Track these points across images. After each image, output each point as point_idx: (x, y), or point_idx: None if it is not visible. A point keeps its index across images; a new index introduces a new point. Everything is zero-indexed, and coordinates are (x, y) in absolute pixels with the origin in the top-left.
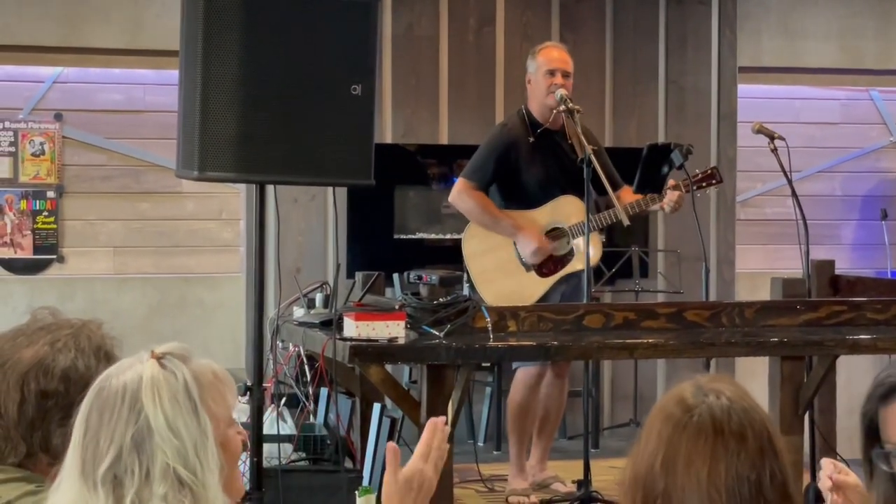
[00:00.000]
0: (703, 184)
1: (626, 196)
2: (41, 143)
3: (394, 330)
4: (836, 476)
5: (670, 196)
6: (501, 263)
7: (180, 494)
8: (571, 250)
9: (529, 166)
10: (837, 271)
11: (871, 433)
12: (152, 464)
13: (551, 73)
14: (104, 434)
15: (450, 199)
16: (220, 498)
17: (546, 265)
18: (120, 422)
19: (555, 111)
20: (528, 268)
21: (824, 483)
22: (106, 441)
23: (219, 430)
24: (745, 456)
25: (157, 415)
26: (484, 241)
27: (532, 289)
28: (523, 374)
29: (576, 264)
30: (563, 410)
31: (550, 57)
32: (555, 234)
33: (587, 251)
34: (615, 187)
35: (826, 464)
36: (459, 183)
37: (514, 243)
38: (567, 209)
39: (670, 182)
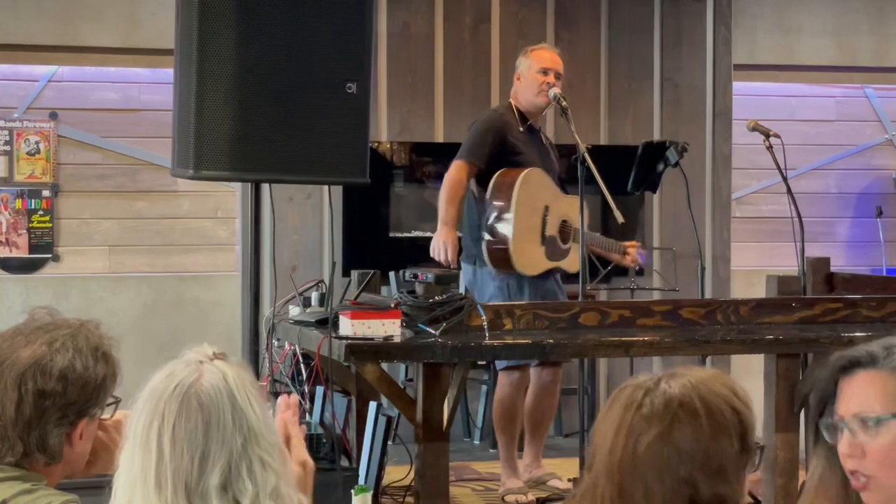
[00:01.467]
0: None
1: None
2: (36, 142)
3: (389, 328)
4: None
5: (633, 254)
6: (530, 226)
7: (280, 482)
8: (569, 249)
9: (521, 153)
10: (833, 269)
11: (823, 401)
12: (253, 461)
13: (544, 72)
14: (214, 443)
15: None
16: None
17: (552, 250)
18: (227, 428)
19: (542, 110)
20: (542, 242)
21: None
22: (217, 448)
23: None
24: (644, 439)
25: (253, 414)
26: (531, 198)
27: (536, 263)
28: (506, 376)
29: (567, 264)
30: (555, 408)
31: (543, 57)
32: (566, 228)
33: (582, 251)
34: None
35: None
36: (455, 165)
37: (544, 213)
38: (575, 210)
39: (633, 242)
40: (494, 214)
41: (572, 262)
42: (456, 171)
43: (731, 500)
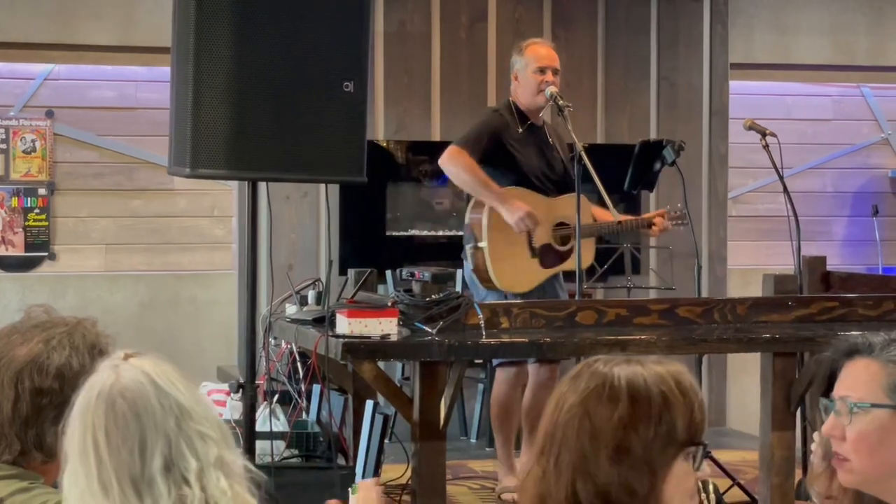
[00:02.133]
0: (676, 222)
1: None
2: (32, 141)
3: (386, 327)
4: None
5: (660, 224)
6: (512, 242)
7: (222, 450)
8: (572, 248)
9: (517, 152)
10: (829, 267)
11: (825, 382)
12: (192, 436)
13: (541, 70)
14: (149, 430)
15: (440, 162)
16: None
17: (549, 256)
18: (157, 412)
19: (542, 109)
20: (533, 254)
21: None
22: (152, 434)
23: None
24: (565, 408)
25: (179, 393)
26: (499, 217)
27: (532, 276)
28: (502, 372)
29: (571, 264)
30: None
31: (539, 55)
32: (563, 229)
33: (578, 250)
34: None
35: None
36: (451, 149)
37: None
38: (572, 208)
39: (660, 211)
40: (471, 243)
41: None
42: (461, 155)
43: (640, 491)
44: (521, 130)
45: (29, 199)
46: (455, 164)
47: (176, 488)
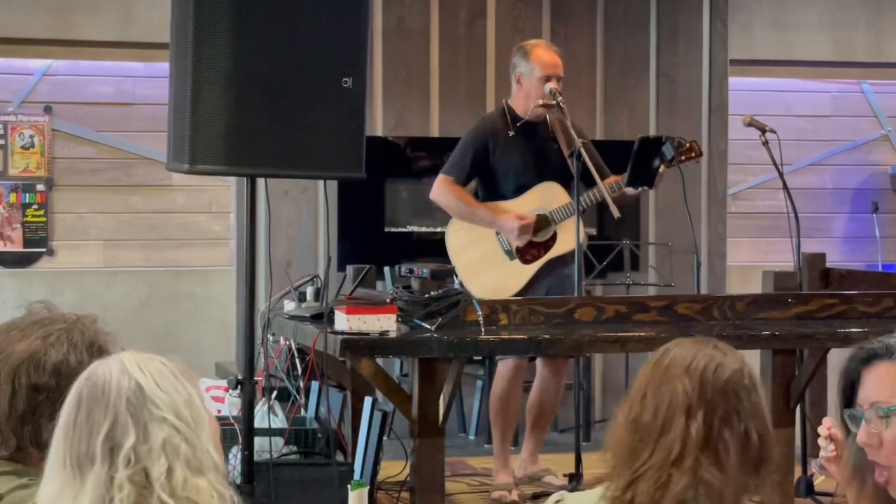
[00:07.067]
0: (683, 158)
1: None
2: (31, 136)
3: (385, 323)
4: (833, 430)
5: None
6: (485, 255)
7: (176, 439)
8: (554, 235)
9: (506, 157)
10: (828, 264)
11: (848, 393)
12: (147, 418)
13: (547, 79)
14: (99, 411)
15: (430, 195)
16: (214, 451)
17: (529, 251)
18: (112, 394)
19: (541, 117)
20: (511, 256)
21: (822, 431)
22: (100, 414)
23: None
24: (653, 393)
25: (147, 378)
26: (468, 234)
27: (517, 276)
28: (502, 366)
29: (559, 248)
30: (557, 406)
31: (544, 62)
32: (538, 220)
33: (578, 249)
34: (603, 177)
35: (826, 420)
36: (439, 179)
37: (497, 233)
38: (548, 195)
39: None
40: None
41: (563, 242)
42: (447, 185)
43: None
44: (511, 133)
45: (27, 194)
46: (443, 195)
47: (112, 469)
